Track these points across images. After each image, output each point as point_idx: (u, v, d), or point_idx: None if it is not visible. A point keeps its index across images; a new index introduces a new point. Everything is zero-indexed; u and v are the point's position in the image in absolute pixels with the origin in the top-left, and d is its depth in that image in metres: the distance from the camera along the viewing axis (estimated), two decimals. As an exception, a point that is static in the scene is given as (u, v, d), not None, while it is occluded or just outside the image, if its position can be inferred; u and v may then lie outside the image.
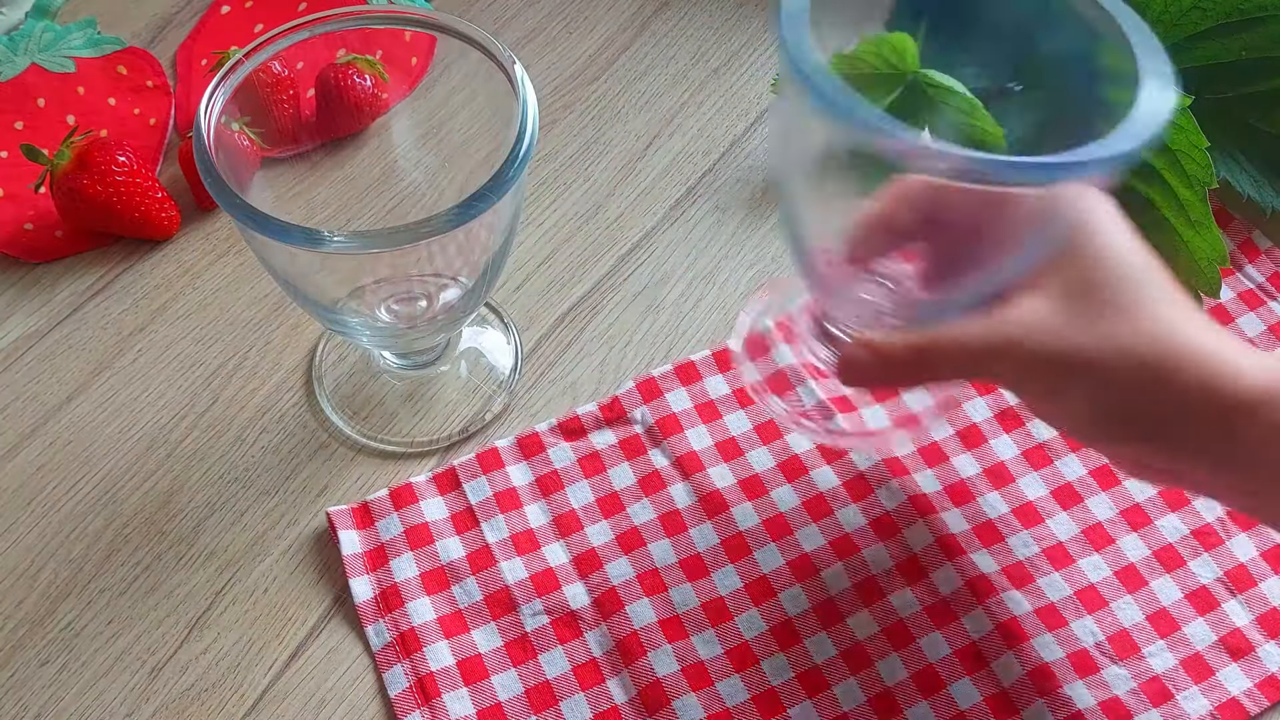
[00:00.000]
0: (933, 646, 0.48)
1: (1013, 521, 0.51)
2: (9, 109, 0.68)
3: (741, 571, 0.50)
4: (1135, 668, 0.48)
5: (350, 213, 0.65)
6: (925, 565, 0.50)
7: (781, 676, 0.48)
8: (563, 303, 0.60)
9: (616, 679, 0.48)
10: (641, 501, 0.52)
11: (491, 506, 0.52)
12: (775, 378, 0.56)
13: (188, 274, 0.62)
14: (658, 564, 0.50)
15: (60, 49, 0.71)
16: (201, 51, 0.72)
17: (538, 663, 0.48)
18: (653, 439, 0.54)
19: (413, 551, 0.51)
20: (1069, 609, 0.49)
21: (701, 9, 0.74)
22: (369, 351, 0.57)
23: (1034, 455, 0.53)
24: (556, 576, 0.50)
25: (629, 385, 0.56)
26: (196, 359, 0.59)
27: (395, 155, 0.67)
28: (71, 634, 0.50)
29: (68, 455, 0.55)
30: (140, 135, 0.67)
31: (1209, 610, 0.49)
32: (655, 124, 0.68)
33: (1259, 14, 0.59)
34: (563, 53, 0.72)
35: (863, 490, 0.52)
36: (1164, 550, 0.50)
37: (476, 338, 0.59)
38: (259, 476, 0.54)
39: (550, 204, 0.64)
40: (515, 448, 0.54)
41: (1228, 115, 0.61)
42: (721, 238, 0.63)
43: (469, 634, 0.49)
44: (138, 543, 0.53)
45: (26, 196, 0.64)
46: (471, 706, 0.47)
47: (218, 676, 0.49)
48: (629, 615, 0.49)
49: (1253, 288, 0.59)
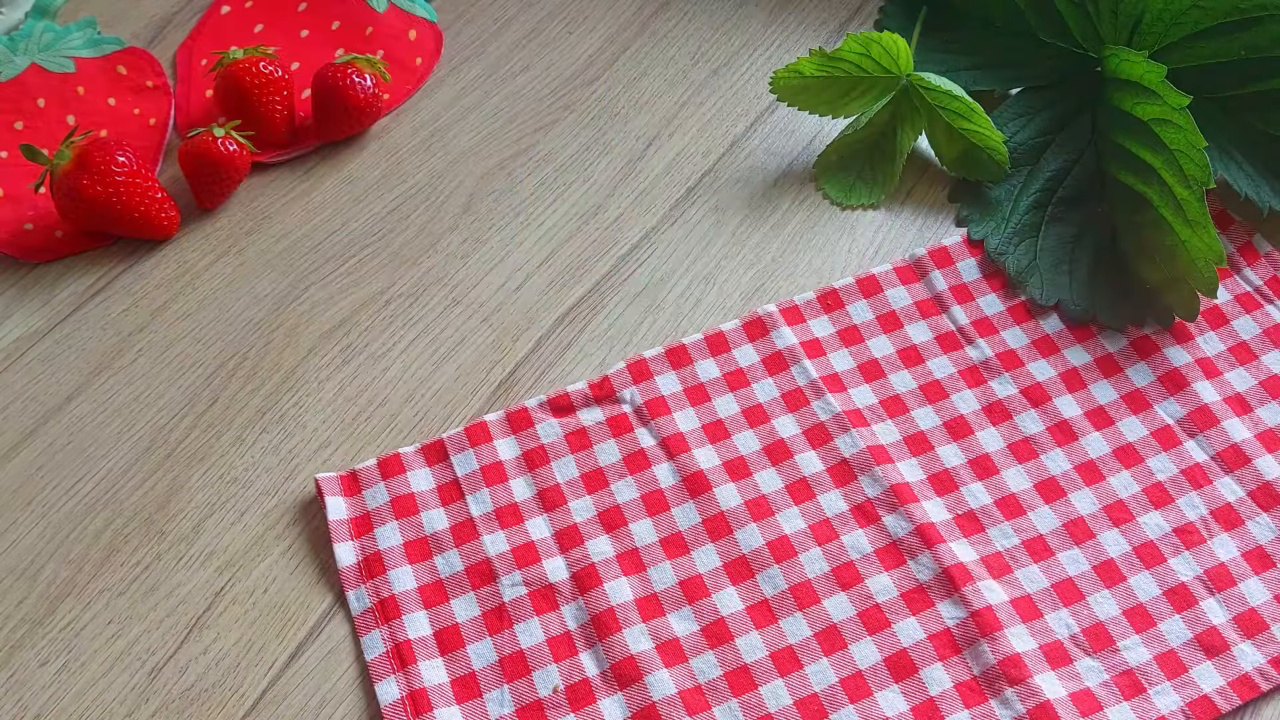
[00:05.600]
0: (906, 631, 0.49)
1: (994, 512, 0.52)
2: (9, 109, 0.68)
3: (721, 551, 0.51)
4: (1108, 660, 0.48)
5: (347, 215, 0.65)
6: (904, 552, 0.51)
7: (755, 655, 0.48)
8: (563, 303, 0.60)
9: (590, 652, 0.48)
10: (626, 479, 0.53)
11: (477, 479, 0.53)
12: (772, 359, 0.56)
13: (188, 274, 0.62)
14: (638, 543, 0.51)
15: (60, 49, 0.71)
16: (201, 51, 0.72)
17: (513, 632, 0.49)
18: (640, 418, 0.55)
19: (397, 521, 0.52)
20: (1045, 601, 0.49)
21: (701, 9, 0.74)
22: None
23: (1020, 448, 0.54)
24: (537, 550, 0.51)
25: (619, 365, 0.56)
26: (196, 359, 0.59)
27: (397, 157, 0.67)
28: (71, 634, 0.50)
29: (68, 455, 0.55)
30: (140, 135, 0.67)
31: (1187, 608, 0.49)
32: (655, 124, 0.68)
33: (1259, 14, 0.59)
34: (563, 53, 0.72)
35: (846, 476, 0.53)
36: (1145, 547, 0.51)
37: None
38: (259, 477, 0.54)
39: (550, 204, 0.65)
40: (504, 422, 0.55)
41: (1227, 115, 0.61)
42: (721, 238, 0.63)
43: (448, 604, 0.50)
44: (138, 543, 0.53)
45: (26, 196, 0.64)
46: (446, 675, 0.48)
47: (218, 676, 0.49)
48: (606, 592, 0.50)
49: (1250, 291, 0.59)
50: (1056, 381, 0.56)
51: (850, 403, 0.55)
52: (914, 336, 0.58)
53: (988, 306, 0.58)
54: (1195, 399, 0.54)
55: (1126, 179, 0.59)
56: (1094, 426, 0.54)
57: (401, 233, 0.64)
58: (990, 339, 0.57)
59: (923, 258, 0.60)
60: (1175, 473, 0.53)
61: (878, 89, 0.64)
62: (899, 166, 0.63)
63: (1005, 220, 0.61)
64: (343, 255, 0.63)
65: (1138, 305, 0.57)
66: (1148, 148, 0.58)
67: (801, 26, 0.73)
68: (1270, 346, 0.57)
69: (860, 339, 0.58)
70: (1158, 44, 0.61)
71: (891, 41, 0.62)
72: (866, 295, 0.59)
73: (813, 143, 0.67)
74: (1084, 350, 0.57)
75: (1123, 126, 0.60)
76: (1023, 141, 0.63)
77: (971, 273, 0.60)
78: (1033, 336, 0.57)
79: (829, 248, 0.62)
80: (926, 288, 0.59)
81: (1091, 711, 0.46)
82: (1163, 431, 0.54)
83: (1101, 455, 0.53)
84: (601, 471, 0.53)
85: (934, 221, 0.63)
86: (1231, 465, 0.52)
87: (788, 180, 0.65)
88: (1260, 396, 0.55)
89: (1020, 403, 0.55)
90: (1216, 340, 0.57)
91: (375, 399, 0.57)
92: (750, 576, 0.50)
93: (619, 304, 0.60)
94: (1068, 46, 0.65)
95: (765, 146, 0.67)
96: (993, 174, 0.62)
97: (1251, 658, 0.47)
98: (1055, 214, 0.61)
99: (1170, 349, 0.56)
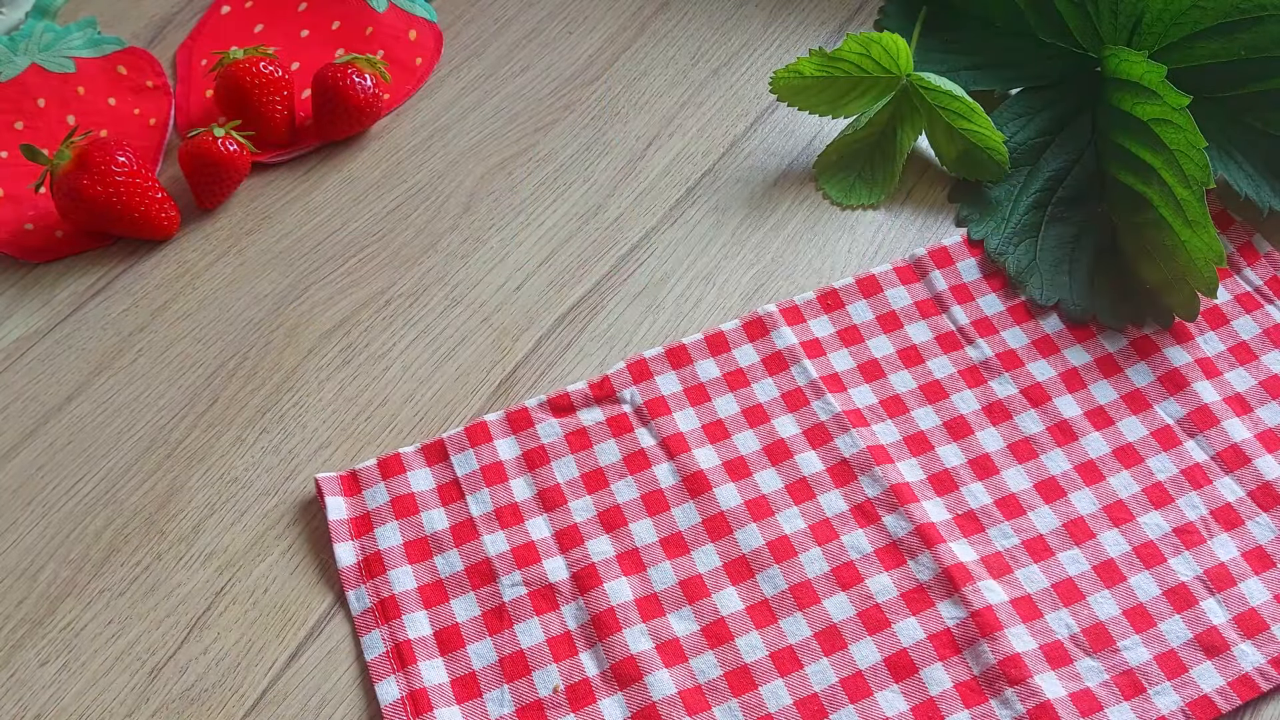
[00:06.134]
0: (906, 631, 0.49)
1: (994, 512, 0.52)
2: (9, 109, 0.68)
3: (721, 551, 0.51)
4: (1108, 660, 0.48)
5: (347, 215, 0.65)
6: (904, 552, 0.51)
7: (755, 655, 0.48)
8: (563, 303, 0.60)
9: (590, 652, 0.48)
10: (626, 479, 0.53)
11: (477, 480, 0.53)
12: (772, 359, 0.56)
13: (188, 274, 0.62)
14: (638, 543, 0.51)
15: (60, 49, 0.71)
16: (201, 51, 0.72)
17: (513, 632, 0.49)
18: (640, 418, 0.55)
19: (397, 521, 0.52)
20: (1045, 601, 0.49)
21: (701, 9, 0.74)
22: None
23: (1020, 448, 0.54)
24: (538, 550, 0.51)
25: (619, 365, 0.56)
26: (196, 359, 0.59)
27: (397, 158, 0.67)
28: (71, 634, 0.50)
29: (68, 455, 0.55)
30: (140, 135, 0.67)
31: (1187, 608, 0.49)
32: (655, 124, 0.68)
33: (1259, 14, 0.59)
34: (563, 53, 0.72)
35: (846, 476, 0.53)
36: (1145, 547, 0.51)
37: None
38: (259, 477, 0.55)
39: (550, 204, 0.65)
40: (504, 422, 0.55)
41: (1226, 115, 0.61)
42: (721, 238, 0.63)
43: (448, 604, 0.50)
44: (138, 543, 0.53)
45: (26, 196, 0.64)
46: (446, 675, 0.48)
47: (217, 677, 0.49)
48: (606, 592, 0.50)
49: (1250, 291, 0.59)
50: (1056, 381, 0.56)
51: (850, 403, 0.55)
52: (914, 336, 0.58)
53: (988, 306, 0.58)
54: (1195, 399, 0.54)
55: (1126, 179, 0.59)
56: (1094, 426, 0.54)
57: (401, 233, 0.64)
58: (990, 339, 0.57)
59: (923, 258, 0.60)
60: (1175, 473, 0.53)
61: (878, 89, 0.64)
62: (899, 166, 0.63)
63: (1005, 220, 0.61)
64: (343, 255, 0.63)
65: (1138, 305, 0.57)
66: (1148, 148, 0.58)
67: (801, 26, 0.73)
68: (1270, 346, 0.57)
69: (860, 339, 0.58)
70: (1158, 44, 0.61)
71: (891, 41, 0.62)
72: (866, 295, 0.59)
73: (813, 143, 0.67)
74: (1084, 350, 0.57)
75: (1123, 126, 0.60)
76: (1023, 141, 0.63)
77: (971, 273, 0.60)
78: (1033, 336, 0.57)
79: (829, 248, 0.62)
80: (926, 288, 0.59)
81: (1091, 711, 0.46)
82: (1163, 431, 0.54)
83: (1101, 455, 0.53)
84: (601, 471, 0.53)
85: (934, 221, 0.63)
86: (1231, 465, 0.52)
87: (788, 180, 0.65)
88: (1260, 396, 0.55)
89: (1020, 403, 0.55)
90: (1216, 340, 0.57)
91: (375, 399, 0.57)
92: (750, 576, 0.50)
93: (619, 304, 0.60)
94: (1068, 46, 0.65)
95: (765, 146, 0.67)
96: (993, 174, 0.62)
97: (1251, 658, 0.47)
98: (1055, 214, 0.61)
99: (1170, 349, 0.56)
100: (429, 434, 0.56)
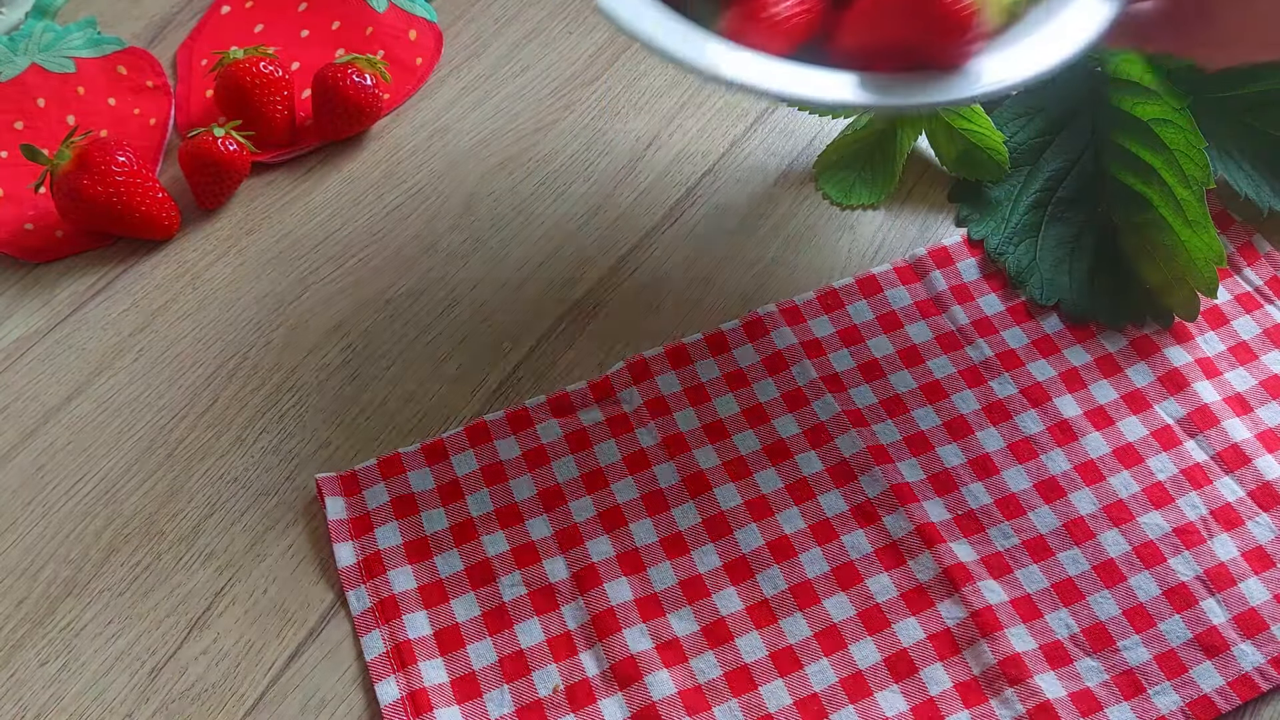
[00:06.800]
0: (906, 631, 0.49)
1: (994, 512, 0.52)
2: (9, 109, 0.68)
3: (721, 551, 0.51)
4: (1108, 660, 0.48)
5: (347, 215, 0.65)
6: (904, 552, 0.51)
7: (755, 655, 0.48)
8: (563, 303, 0.60)
9: (590, 652, 0.48)
10: (626, 479, 0.53)
11: (477, 480, 0.53)
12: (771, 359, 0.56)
13: (188, 274, 0.62)
14: (638, 543, 0.51)
15: (60, 49, 0.71)
16: (201, 51, 0.72)
17: (512, 632, 0.49)
18: (640, 419, 0.55)
19: (397, 521, 0.52)
20: (1045, 601, 0.49)
21: (701, 9, 0.74)
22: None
23: (1020, 448, 0.54)
24: (538, 550, 0.51)
25: (619, 365, 0.56)
26: (196, 359, 0.59)
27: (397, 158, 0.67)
28: (71, 634, 0.50)
29: (68, 455, 0.55)
30: (140, 135, 0.67)
31: (1187, 608, 0.49)
32: (655, 124, 0.68)
33: (1258, 14, 0.59)
34: (563, 53, 0.72)
35: (846, 476, 0.53)
36: (1145, 546, 0.51)
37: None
38: (259, 476, 0.54)
39: (550, 204, 0.65)
40: (504, 422, 0.55)
41: (1226, 115, 0.61)
42: (721, 238, 0.63)
43: (448, 604, 0.50)
44: (138, 543, 0.53)
45: (26, 196, 0.64)
46: (446, 675, 0.48)
47: (217, 677, 0.49)
48: (606, 592, 0.50)
49: (1250, 291, 0.59)
50: (1056, 381, 0.56)
51: (850, 403, 0.55)
52: (914, 336, 0.58)
53: (988, 306, 0.58)
54: (1195, 399, 0.54)
55: (1126, 179, 0.59)
56: (1094, 426, 0.54)
57: (401, 233, 0.64)
58: (990, 339, 0.57)
59: (923, 258, 0.60)
60: (1175, 473, 0.53)
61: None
62: (899, 166, 0.63)
63: (1005, 220, 0.61)
64: (343, 255, 0.63)
65: (1138, 305, 0.57)
66: (1148, 148, 0.58)
67: (801, 26, 0.73)
68: (1270, 346, 0.57)
69: (860, 339, 0.58)
70: (1158, 44, 0.61)
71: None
72: (866, 295, 0.59)
73: (813, 143, 0.67)
74: (1084, 350, 0.57)
75: (1123, 126, 0.60)
76: (1023, 141, 0.63)
77: (971, 273, 0.60)
78: (1033, 336, 0.57)
79: (829, 248, 0.62)
80: (926, 288, 0.59)
81: (1091, 711, 0.46)
82: (1163, 431, 0.54)
83: (1101, 455, 0.53)
84: (601, 471, 0.53)
85: (934, 221, 0.63)
86: (1231, 465, 0.52)
87: (788, 180, 0.65)
88: (1260, 396, 0.55)
89: (1020, 403, 0.55)
90: (1216, 340, 0.57)
91: (375, 399, 0.57)
92: (750, 576, 0.50)
93: (619, 304, 0.60)
94: (1068, 46, 0.65)
95: (765, 146, 0.67)
96: (993, 174, 0.62)
97: (1251, 658, 0.47)
98: (1055, 214, 0.61)
99: (1170, 349, 0.56)
100: (429, 434, 0.56)
